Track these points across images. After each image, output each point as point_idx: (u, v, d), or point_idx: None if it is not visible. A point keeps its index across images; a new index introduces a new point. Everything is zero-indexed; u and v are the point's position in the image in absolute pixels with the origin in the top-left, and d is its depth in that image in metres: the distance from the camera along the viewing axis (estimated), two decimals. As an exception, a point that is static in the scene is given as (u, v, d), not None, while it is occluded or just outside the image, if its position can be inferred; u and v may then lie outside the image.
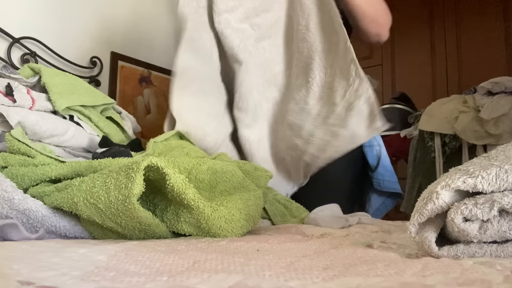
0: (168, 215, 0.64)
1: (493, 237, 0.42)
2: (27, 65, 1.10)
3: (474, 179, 0.42)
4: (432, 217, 0.44)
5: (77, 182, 0.62)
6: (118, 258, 0.43)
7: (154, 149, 0.95)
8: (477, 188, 0.42)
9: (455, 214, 0.42)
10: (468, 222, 0.42)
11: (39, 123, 0.88)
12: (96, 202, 0.57)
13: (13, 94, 0.92)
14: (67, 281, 0.33)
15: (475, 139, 1.66)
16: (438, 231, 0.44)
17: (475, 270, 0.35)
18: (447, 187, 0.43)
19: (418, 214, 0.44)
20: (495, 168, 0.43)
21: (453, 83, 2.94)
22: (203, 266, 0.38)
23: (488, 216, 0.41)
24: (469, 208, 0.41)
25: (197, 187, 0.71)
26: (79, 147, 0.99)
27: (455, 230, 0.42)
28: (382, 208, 1.25)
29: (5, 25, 1.25)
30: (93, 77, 1.49)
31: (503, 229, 0.41)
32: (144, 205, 0.65)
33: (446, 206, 0.43)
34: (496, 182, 0.42)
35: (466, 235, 0.42)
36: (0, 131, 0.87)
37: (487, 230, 0.42)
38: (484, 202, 0.41)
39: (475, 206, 0.41)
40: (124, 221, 0.58)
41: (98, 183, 0.59)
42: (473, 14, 2.92)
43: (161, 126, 1.30)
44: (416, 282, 0.32)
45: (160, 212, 0.65)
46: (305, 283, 0.32)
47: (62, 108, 0.98)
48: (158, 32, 1.79)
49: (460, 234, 0.42)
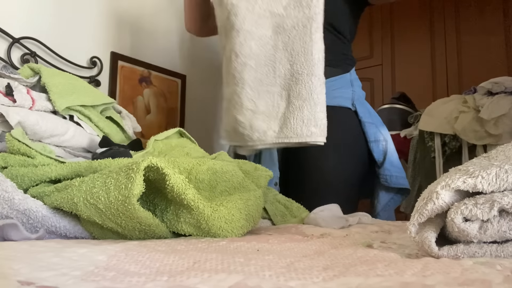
0: (168, 215, 0.64)
1: (493, 237, 0.42)
2: (27, 65, 1.09)
3: (474, 179, 0.42)
4: (432, 217, 0.44)
5: (77, 182, 0.62)
6: (118, 258, 0.43)
7: (154, 148, 0.95)
8: (477, 188, 0.42)
9: (455, 214, 0.42)
10: (468, 222, 0.42)
11: (39, 123, 0.88)
12: (96, 203, 0.57)
13: (13, 94, 0.92)
14: (67, 281, 0.33)
15: (475, 139, 1.66)
16: (438, 231, 0.44)
17: (475, 270, 0.35)
18: (447, 187, 0.43)
19: (418, 214, 0.44)
20: (495, 168, 0.43)
21: (453, 83, 2.94)
22: (203, 266, 0.38)
23: (488, 216, 0.41)
24: (469, 208, 0.41)
25: (197, 187, 0.71)
26: (79, 147, 0.99)
27: (455, 230, 0.42)
28: (390, 204, 1.23)
29: (5, 25, 1.25)
30: (93, 77, 1.49)
31: (503, 229, 0.41)
32: (144, 205, 0.65)
33: (446, 206, 0.43)
34: (496, 182, 0.42)
35: (466, 235, 0.42)
36: (0, 131, 0.87)
37: (487, 230, 0.42)
38: (484, 202, 0.41)
39: (475, 206, 0.41)
40: (124, 222, 0.58)
41: (98, 183, 0.59)
42: (473, 14, 2.92)
43: (161, 126, 1.30)
44: (416, 282, 0.32)
45: (160, 213, 0.65)
46: (305, 283, 0.32)
47: (62, 108, 0.98)
48: (159, 32, 1.79)
49: (460, 234, 0.42)
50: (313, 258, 0.44)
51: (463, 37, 2.94)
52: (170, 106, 1.81)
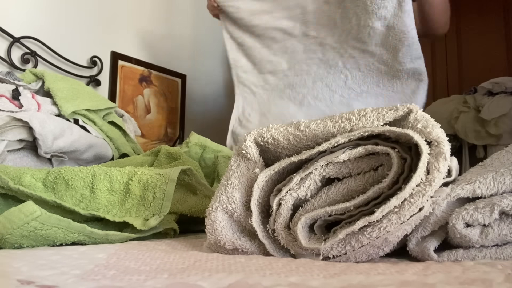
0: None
1: (494, 241, 0.42)
2: (29, 70, 1.10)
3: (472, 185, 0.43)
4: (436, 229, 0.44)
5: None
6: (118, 256, 0.43)
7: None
8: (476, 193, 0.43)
9: (456, 220, 0.42)
10: (470, 227, 0.42)
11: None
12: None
13: (19, 99, 0.93)
14: (67, 280, 0.32)
15: (475, 139, 1.65)
16: (440, 240, 0.44)
17: (476, 269, 0.35)
18: (448, 197, 0.43)
19: (422, 227, 0.44)
20: (491, 172, 0.43)
21: (453, 83, 2.94)
22: (204, 265, 0.38)
23: (489, 220, 0.41)
24: (470, 213, 0.41)
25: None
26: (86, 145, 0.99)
27: (456, 236, 0.42)
28: None
29: (5, 24, 1.25)
30: (93, 76, 1.49)
31: (503, 232, 0.41)
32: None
33: (447, 216, 0.43)
34: (494, 185, 0.43)
35: (468, 240, 0.42)
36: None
37: (488, 235, 0.42)
38: (484, 206, 0.41)
39: (476, 210, 0.41)
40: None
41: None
42: (473, 14, 2.92)
43: (161, 125, 1.30)
44: (417, 280, 0.32)
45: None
46: (306, 279, 0.32)
47: (68, 112, 0.99)
48: (159, 31, 1.79)
49: (462, 240, 0.42)
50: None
51: (463, 37, 2.93)
52: (170, 105, 1.81)
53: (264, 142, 0.48)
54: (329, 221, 0.45)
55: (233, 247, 0.47)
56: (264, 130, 0.48)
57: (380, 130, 0.43)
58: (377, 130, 0.43)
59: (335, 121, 0.45)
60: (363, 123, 0.44)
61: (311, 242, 0.43)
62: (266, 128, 0.48)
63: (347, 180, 0.45)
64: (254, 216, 0.46)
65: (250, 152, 0.47)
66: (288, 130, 0.46)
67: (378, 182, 0.43)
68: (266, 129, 0.48)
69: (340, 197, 0.45)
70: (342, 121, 0.45)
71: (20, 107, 0.92)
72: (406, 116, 0.44)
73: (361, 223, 0.41)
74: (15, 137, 0.85)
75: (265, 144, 0.48)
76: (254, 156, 0.47)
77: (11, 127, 0.85)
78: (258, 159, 0.48)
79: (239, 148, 0.48)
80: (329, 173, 0.45)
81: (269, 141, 0.47)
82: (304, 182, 0.45)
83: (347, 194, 0.45)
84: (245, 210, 0.47)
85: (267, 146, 0.48)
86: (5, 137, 0.84)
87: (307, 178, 0.45)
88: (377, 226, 0.41)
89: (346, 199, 0.45)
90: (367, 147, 0.43)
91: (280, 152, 0.49)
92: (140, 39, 1.71)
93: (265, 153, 0.49)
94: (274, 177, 0.47)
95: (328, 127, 0.45)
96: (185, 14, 1.91)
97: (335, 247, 0.43)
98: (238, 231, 0.48)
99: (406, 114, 0.44)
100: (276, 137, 0.47)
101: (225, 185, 0.48)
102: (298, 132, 0.46)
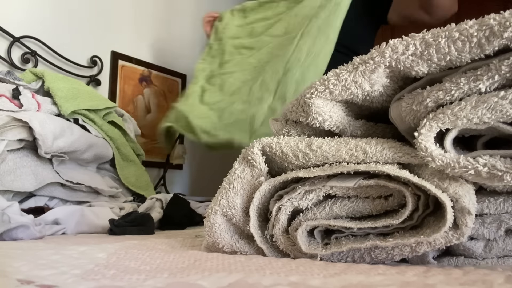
0: None
1: (497, 255, 0.42)
2: (29, 69, 1.11)
3: (481, 204, 0.41)
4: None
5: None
6: (118, 255, 0.43)
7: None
8: (484, 212, 0.42)
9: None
10: (474, 240, 0.42)
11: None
12: None
13: (19, 98, 0.93)
14: (67, 280, 0.32)
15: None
16: (440, 251, 0.44)
17: (477, 271, 0.35)
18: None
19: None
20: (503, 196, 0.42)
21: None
22: (204, 265, 0.38)
23: (495, 235, 0.41)
24: (476, 227, 0.41)
25: None
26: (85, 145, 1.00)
27: (460, 248, 0.42)
28: None
29: (6, 24, 1.25)
30: (93, 76, 1.49)
31: (508, 248, 0.41)
32: None
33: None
34: (504, 207, 0.41)
35: (471, 253, 0.42)
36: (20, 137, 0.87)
37: (492, 249, 0.41)
38: (491, 221, 0.41)
39: (482, 225, 0.41)
40: None
41: None
42: (473, 15, 2.92)
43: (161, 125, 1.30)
44: (417, 281, 0.32)
45: None
46: (306, 278, 0.32)
47: (68, 112, 1.00)
48: (159, 31, 1.79)
49: (466, 252, 0.42)
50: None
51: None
52: (170, 105, 1.80)
53: (272, 153, 0.48)
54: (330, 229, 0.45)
55: (232, 250, 0.47)
56: (274, 140, 0.47)
57: (396, 174, 0.40)
58: (393, 173, 0.40)
59: (349, 148, 0.44)
60: (377, 158, 0.43)
61: (311, 247, 0.43)
62: (276, 139, 0.48)
63: (355, 200, 0.44)
64: (252, 221, 0.46)
65: (256, 160, 0.47)
66: (299, 146, 0.46)
67: (386, 210, 0.43)
68: (276, 140, 0.47)
69: (344, 214, 0.44)
70: (357, 150, 0.43)
71: (20, 106, 0.92)
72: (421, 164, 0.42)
73: (369, 244, 0.40)
74: (15, 136, 0.85)
75: (273, 155, 0.48)
76: (260, 164, 0.47)
77: (11, 127, 0.85)
78: (263, 167, 0.47)
79: (245, 153, 0.48)
80: (335, 192, 0.44)
81: (277, 153, 0.47)
82: (308, 195, 0.45)
83: (352, 213, 0.44)
84: (244, 216, 0.47)
85: (274, 158, 0.48)
86: (5, 137, 0.84)
87: (311, 192, 0.45)
88: (385, 251, 0.41)
89: (349, 216, 0.44)
90: (380, 182, 0.41)
91: (286, 166, 0.48)
92: (140, 39, 1.70)
93: (270, 163, 0.49)
94: (277, 185, 0.47)
95: (340, 152, 0.44)
96: (185, 14, 1.91)
97: (336, 255, 0.43)
98: (236, 234, 0.48)
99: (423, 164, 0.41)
100: (286, 151, 0.46)
101: (226, 188, 0.47)
102: (309, 151, 0.45)
